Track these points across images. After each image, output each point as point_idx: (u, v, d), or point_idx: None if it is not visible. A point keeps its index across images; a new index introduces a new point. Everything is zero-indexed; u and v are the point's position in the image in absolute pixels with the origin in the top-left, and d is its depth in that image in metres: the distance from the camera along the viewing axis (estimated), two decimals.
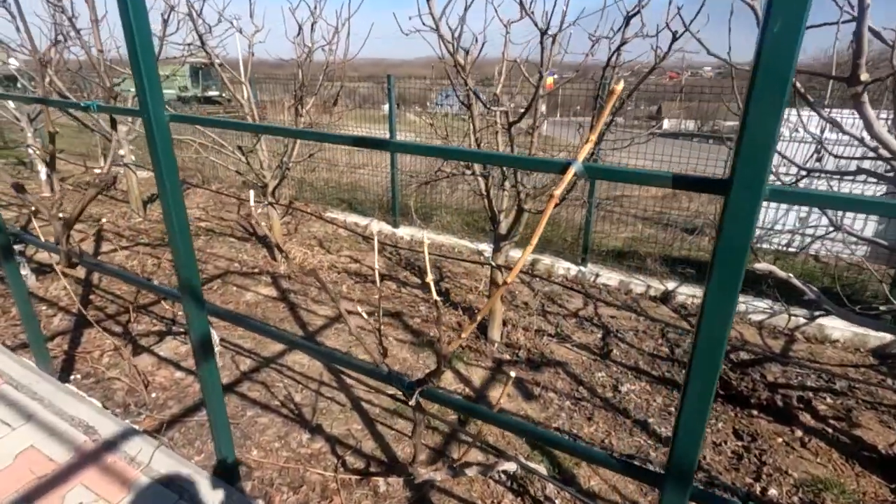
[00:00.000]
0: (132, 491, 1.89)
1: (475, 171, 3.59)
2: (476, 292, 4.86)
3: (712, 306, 0.88)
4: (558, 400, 3.32)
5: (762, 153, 0.78)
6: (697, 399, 0.95)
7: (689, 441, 0.98)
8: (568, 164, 0.95)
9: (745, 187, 0.80)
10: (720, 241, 0.85)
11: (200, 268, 5.11)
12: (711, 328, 0.89)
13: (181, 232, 1.64)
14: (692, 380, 0.94)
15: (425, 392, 1.33)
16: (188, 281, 1.70)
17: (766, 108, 0.75)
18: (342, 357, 1.53)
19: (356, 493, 2.43)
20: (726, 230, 0.84)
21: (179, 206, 1.61)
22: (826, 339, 4.36)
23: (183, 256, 1.66)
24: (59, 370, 3.17)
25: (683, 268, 5.35)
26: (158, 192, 1.58)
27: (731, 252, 0.84)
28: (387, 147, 1.12)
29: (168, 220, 1.62)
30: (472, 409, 1.30)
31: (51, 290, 4.37)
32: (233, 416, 2.91)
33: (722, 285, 0.86)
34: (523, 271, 5.43)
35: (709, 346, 0.90)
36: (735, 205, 0.82)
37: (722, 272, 0.85)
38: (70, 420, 2.24)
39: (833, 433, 3.12)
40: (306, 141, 5.76)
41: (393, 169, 6.61)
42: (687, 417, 0.97)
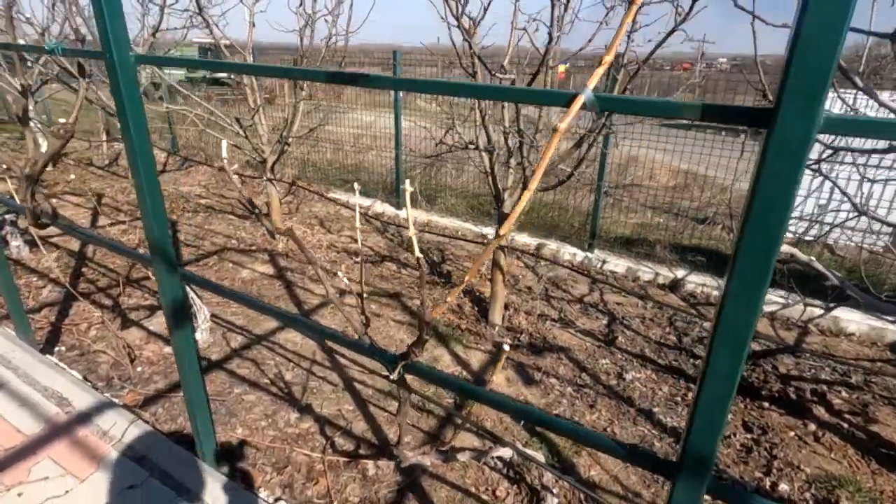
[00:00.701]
0: (101, 466, 1.78)
1: (479, 145, 3.42)
2: (478, 275, 4.72)
3: (744, 268, 0.72)
4: (560, 386, 3.19)
5: (820, 69, 0.62)
6: (722, 378, 0.80)
7: (708, 428, 0.84)
8: (576, 94, 0.79)
9: (797, 114, 0.65)
10: (757, 191, 0.70)
11: (197, 244, 5.00)
12: (742, 294, 0.74)
13: (150, 189, 1.50)
14: (716, 352, 0.79)
15: (409, 366, 1.19)
16: (158, 242, 1.57)
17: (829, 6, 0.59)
18: (322, 328, 1.39)
19: (343, 475, 2.31)
20: (766, 175, 0.68)
21: (148, 161, 1.47)
22: (841, 332, 4.18)
23: (152, 215, 1.52)
24: (44, 341, 3.07)
25: (694, 256, 5.17)
26: (124, 142, 1.44)
27: (771, 204, 0.68)
28: (367, 83, 0.97)
29: (136, 175, 1.48)
30: (459, 385, 1.16)
31: (43, 262, 4.27)
32: (219, 393, 2.80)
33: (756, 244, 0.71)
34: (524, 256, 5.27)
35: (740, 315, 0.75)
36: (781, 139, 0.66)
37: (757, 229, 0.70)
38: (43, 391, 2.13)
39: (848, 428, 2.96)
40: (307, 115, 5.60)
41: (397, 149, 6.45)
42: (707, 400, 0.82)
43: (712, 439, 0.83)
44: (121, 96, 1.39)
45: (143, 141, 1.44)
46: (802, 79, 0.62)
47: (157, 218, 1.54)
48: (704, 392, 0.83)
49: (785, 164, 0.66)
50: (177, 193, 6.65)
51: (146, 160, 1.46)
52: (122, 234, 5.03)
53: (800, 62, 0.62)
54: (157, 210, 1.53)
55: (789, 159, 0.66)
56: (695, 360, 3.55)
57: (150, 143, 1.46)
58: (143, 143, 1.44)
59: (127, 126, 1.42)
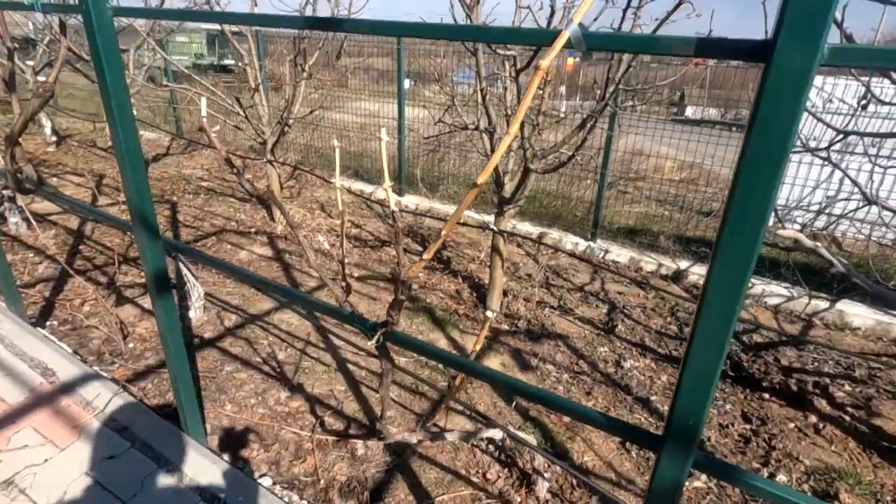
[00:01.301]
0: (82, 436, 1.75)
1: (480, 126, 3.35)
2: (478, 262, 4.66)
3: (736, 223, 0.67)
4: (556, 372, 3.14)
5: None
6: (707, 356, 0.75)
7: (694, 398, 0.79)
8: (560, 30, 0.73)
9: (796, 44, 0.58)
10: (753, 132, 0.64)
11: (196, 225, 4.97)
12: (732, 254, 0.69)
13: (130, 153, 1.45)
14: (703, 318, 0.74)
15: (390, 335, 1.14)
16: (139, 209, 1.52)
17: None
18: (302, 295, 1.35)
19: (331, 454, 2.28)
20: (762, 115, 0.62)
21: (128, 123, 1.42)
22: (846, 325, 4.10)
23: (132, 180, 1.48)
24: (37, 315, 3.05)
25: (698, 247, 5.09)
26: (103, 103, 1.39)
27: (767, 146, 0.62)
28: (343, 27, 0.91)
29: (115, 138, 1.43)
30: (441, 354, 1.11)
31: (40, 239, 4.26)
32: (210, 370, 2.77)
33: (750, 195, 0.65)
34: (526, 243, 5.21)
35: (728, 275, 0.70)
36: (779, 71, 0.60)
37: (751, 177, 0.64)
38: (29, 361, 2.11)
39: (850, 421, 2.90)
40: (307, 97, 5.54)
41: (400, 135, 6.38)
42: (694, 369, 0.77)
43: (697, 415, 0.78)
44: (99, 54, 1.33)
45: (122, 102, 1.39)
46: (801, 12, 0.56)
47: (137, 184, 1.49)
48: (689, 369, 0.78)
49: (783, 101, 0.60)
50: (179, 176, 6.62)
51: (126, 123, 1.41)
52: (121, 215, 5.01)
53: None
54: (138, 175, 1.48)
55: (788, 94, 0.60)
56: None
57: (130, 105, 1.41)
58: (123, 104, 1.39)
59: (105, 84, 1.37)
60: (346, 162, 7.78)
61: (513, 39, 0.80)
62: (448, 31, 0.87)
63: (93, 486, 1.58)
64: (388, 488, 2.14)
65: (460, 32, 0.87)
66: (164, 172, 6.73)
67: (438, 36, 0.83)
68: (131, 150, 1.45)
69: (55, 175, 6.23)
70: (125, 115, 1.41)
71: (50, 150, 7.55)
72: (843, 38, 1.98)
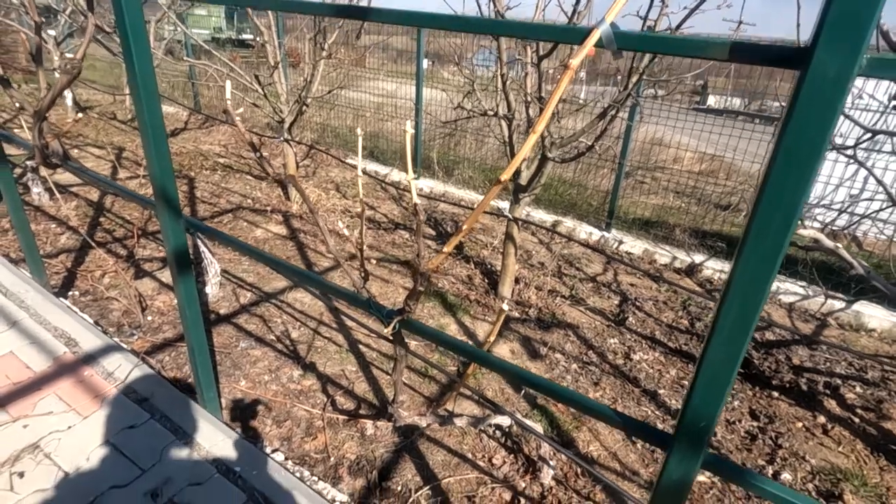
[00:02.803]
0: (104, 405, 1.81)
1: (498, 112, 3.32)
2: (491, 248, 4.67)
3: (763, 224, 0.66)
4: (565, 362, 3.15)
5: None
6: (723, 357, 0.75)
7: (708, 399, 0.79)
8: (592, 28, 0.73)
9: (834, 54, 0.58)
10: (785, 136, 0.63)
11: (213, 202, 5.02)
12: (756, 255, 0.69)
13: (154, 130, 1.47)
14: (723, 317, 0.74)
15: (405, 322, 1.16)
16: (163, 187, 1.55)
17: None
18: (319, 279, 1.37)
19: (342, 432, 2.33)
20: (795, 120, 0.61)
21: (153, 101, 1.43)
22: (861, 326, 4.06)
23: (156, 158, 1.50)
24: (59, 286, 3.13)
25: (714, 241, 5.03)
26: (128, 79, 1.40)
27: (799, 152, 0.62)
28: (369, 16, 0.91)
29: (140, 113, 1.45)
30: (455, 343, 1.13)
31: (63, 210, 4.34)
32: (225, 346, 2.83)
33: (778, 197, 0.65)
34: (540, 232, 5.19)
35: (751, 275, 0.70)
36: (815, 78, 0.59)
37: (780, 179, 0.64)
38: (53, 331, 2.17)
39: (860, 423, 2.89)
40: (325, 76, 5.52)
41: (417, 117, 6.35)
42: (710, 369, 0.78)
43: (710, 415, 0.79)
44: (124, 24, 1.34)
45: (147, 78, 1.40)
46: (847, 5, 0.55)
47: (161, 162, 1.51)
48: (704, 368, 0.78)
49: (818, 109, 0.60)
50: (196, 151, 6.67)
51: (151, 100, 1.42)
52: (140, 188, 5.07)
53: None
54: (162, 154, 1.50)
55: (823, 102, 0.59)
56: None
57: (155, 81, 1.42)
58: (148, 80, 1.40)
59: (131, 60, 1.38)
60: (362, 142, 7.76)
61: (542, 36, 0.79)
62: (474, 24, 0.87)
63: (113, 454, 1.64)
64: (395, 468, 2.19)
65: (487, 27, 0.86)
66: (182, 147, 6.78)
67: (463, 29, 0.83)
68: (156, 128, 1.46)
69: (76, 146, 6.31)
70: (150, 91, 1.42)
71: (69, 121, 7.64)
72: (878, 34, 1.93)
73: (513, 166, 0.80)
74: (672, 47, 0.70)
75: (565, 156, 3.16)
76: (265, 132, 8.07)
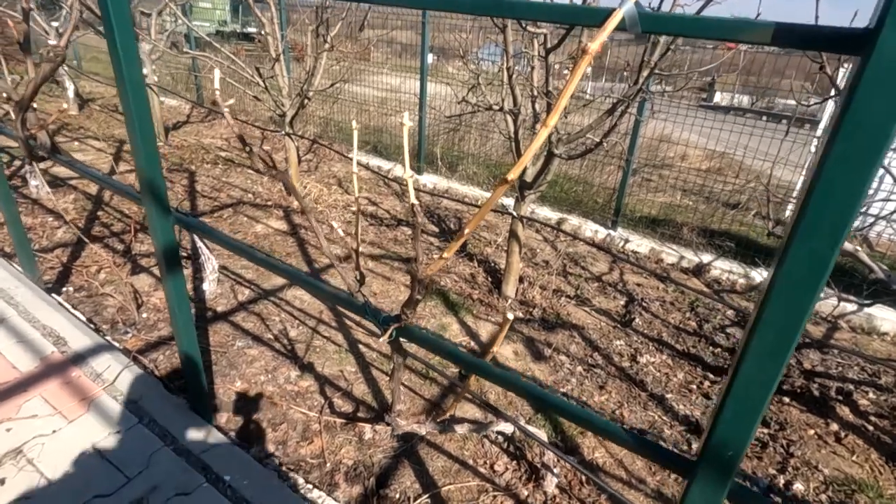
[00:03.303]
0: (91, 408, 1.74)
1: (503, 107, 3.23)
2: (495, 245, 4.58)
3: (811, 228, 0.58)
4: (570, 364, 3.07)
5: None
6: (762, 366, 0.67)
7: (738, 424, 0.71)
8: (613, 8, 0.64)
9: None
10: (842, 130, 0.55)
11: (213, 196, 4.95)
12: (801, 263, 0.60)
13: (141, 120, 1.39)
14: (760, 333, 0.65)
15: (402, 330, 1.08)
16: (150, 180, 1.47)
17: None
18: (312, 281, 1.29)
19: (339, 437, 2.26)
20: (855, 112, 0.53)
21: (138, 85, 1.35)
22: (874, 330, 3.96)
23: (143, 150, 1.42)
24: (53, 281, 3.07)
25: (722, 241, 4.93)
26: (113, 70, 1.33)
27: (859, 147, 0.53)
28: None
29: (125, 102, 1.37)
30: (457, 354, 1.05)
31: (60, 203, 4.28)
32: (221, 345, 2.76)
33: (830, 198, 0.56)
34: (544, 230, 5.10)
35: (795, 287, 0.61)
36: (880, 68, 0.51)
37: (834, 178, 0.55)
38: (42, 329, 2.10)
39: (874, 431, 2.80)
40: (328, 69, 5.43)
41: (421, 112, 6.25)
42: (739, 399, 0.70)
43: (740, 442, 0.71)
44: (108, 10, 1.26)
45: (132, 62, 1.32)
46: None
47: (148, 156, 1.43)
48: (736, 390, 0.70)
49: (883, 100, 0.51)
50: (198, 144, 6.61)
51: (137, 91, 1.34)
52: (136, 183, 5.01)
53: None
54: (149, 148, 1.42)
55: (889, 93, 0.51)
56: (714, 349, 3.39)
57: (141, 71, 1.34)
58: (134, 65, 1.32)
59: (114, 41, 1.30)
60: (365, 137, 7.67)
61: (556, 18, 0.71)
62: (479, 5, 0.78)
63: (99, 460, 1.57)
64: (394, 475, 2.11)
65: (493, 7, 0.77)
66: (183, 140, 6.72)
67: (467, 10, 0.74)
68: (142, 118, 1.39)
69: (76, 139, 6.25)
70: (136, 81, 1.34)
71: (72, 114, 7.58)
72: None
73: (521, 165, 0.71)
74: (706, 29, 0.61)
75: (572, 152, 3.07)
76: (268, 126, 7.99)
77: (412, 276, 0.90)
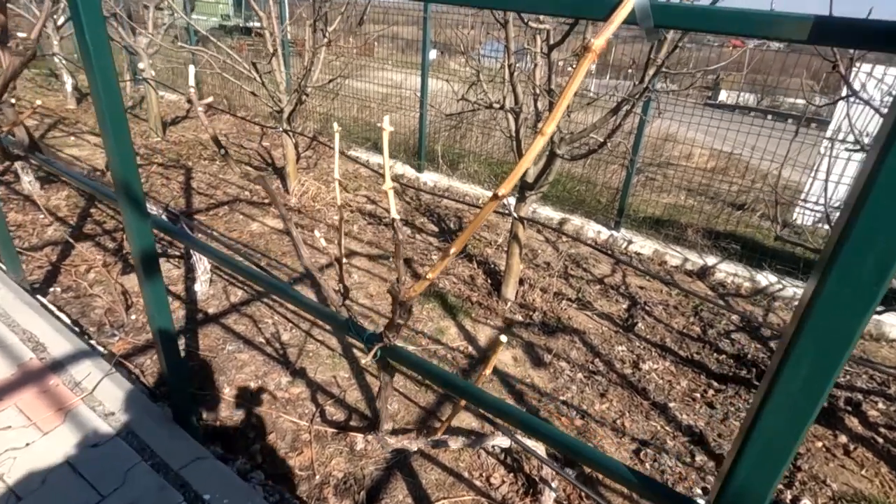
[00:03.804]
0: (67, 419, 1.66)
1: (505, 105, 3.13)
2: (495, 246, 4.49)
3: (866, 232, 0.49)
4: (570, 370, 2.99)
5: None
6: (797, 398, 0.58)
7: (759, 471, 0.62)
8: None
9: None
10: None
11: (209, 193, 4.87)
12: (852, 276, 0.51)
13: (113, 119, 1.30)
14: (796, 358, 0.56)
15: (387, 350, 0.99)
16: (125, 181, 1.38)
17: None
18: (296, 295, 1.20)
19: (330, 447, 2.18)
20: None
21: (111, 85, 1.26)
22: (882, 336, 3.86)
23: (116, 150, 1.33)
24: (40, 281, 2.99)
25: (728, 243, 4.82)
26: (83, 64, 1.24)
27: None
28: None
29: (97, 102, 1.28)
30: (445, 378, 0.96)
31: (52, 200, 4.20)
32: (211, 349, 2.68)
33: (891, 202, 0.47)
34: (549, 227, 5.01)
35: (843, 305, 0.53)
36: None
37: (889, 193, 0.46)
38: (21, 334, 2.02)
39: (883, 444, 2.71)
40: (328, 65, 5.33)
41: (422, 109, 6.15)
42: (766, 432, 0.61)
43: (761, 494, 0.62)
44: (77, 8, 1.18)
45: (104, 63, 1.23)
46: None
47: (122, 155, 1.35)
48: (758, 434, 0.61)
49: None
50: (196, 140, 6.52)
51: (108, 85, 1.26)
52: None
53: None
54: (123, 147, 1.34)
55: None
56: (718, 355, 3.30)
57: (113, 66, 1.25)
58: (105, 65, 1.24)
59: (86, 43, 1.21)
60: (366, 133, 7.58)
61: (558, 9, 0.62)
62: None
63: (73, 477, 1.49)
64: (386, 488, 2.03)
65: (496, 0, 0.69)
66: (181, 136, 6.64)
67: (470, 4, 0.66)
68: (114, 112, 1.30)
69: (73, 134, 6.17)
70: (108, 78, 1.25)
71: (70, 108, 7.50)
72: None
73: (513, 178, 0.63)
74: (731, 23, 0.52)
75: (575, 153, 2.97)
76: (268, 121, 7.90)
77: (393, 297, 0.82)
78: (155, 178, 5.02)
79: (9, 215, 3.72)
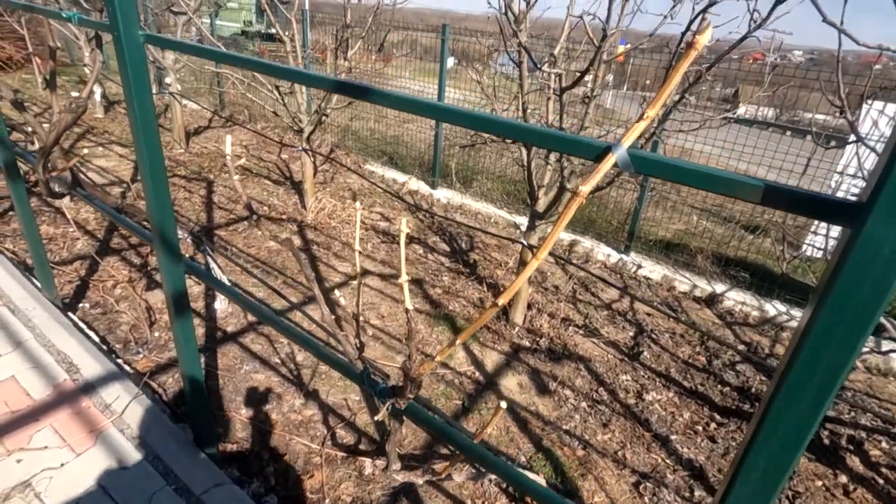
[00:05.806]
0: (98, 441, 1.78)
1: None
2: (505, 268, 4.58)
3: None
4: (574, 399, 3.06)
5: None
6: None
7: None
8: (607, 148, 0.65)
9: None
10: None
11: (230, 207, 5.03)
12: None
13: (154, 172, 1.43)
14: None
15: (398, 409, 1.09)
16: (162, 228, 1.51)
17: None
18: (316, 345, 1.31)
19: (339, 471, 2.28)
20: (840, 290, 0.52)
21: (153, 141, 1.39)
22: (890, 371, 3.87)
23: (155, 199, 1.46)
24: (71, 296, 3.15)
25: (737, 270, 4.86)
26: (129, 122, 1.37)
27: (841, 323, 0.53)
28: (370, 97, 0.85)
29: (140, 156, 1.41)
30: (451, 436, 1.06)
31: (82, 213, 4.39)
32: (229, 369, 2.80)
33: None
34: (556, 252, 5.08)
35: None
36: (868, 245, 0.50)
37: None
38: (56, 354, 2.16)
39: (884, 485, 2.73)
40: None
41: (438, 127, 6.27)
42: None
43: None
44: (127, 75, 1.30)
45: (147, 121, 1.36)
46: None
47: (160, 205, 1.47)
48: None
49: (868, 279, 0.51)
50: (217, 152, 6.71)
51: (151, 141, 1.38)
52: None
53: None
54: (161, 197, 1.46)
55: (875, 272, 0.50)
56: (722, 387, 3.35)
57: (155, 123, 1.38)
58: (148, 123, 1.36)
59: (132, 106, 1.34)
60: (382, 147, 7.72)
61: (554, 145, 0.71)
62: (484, 122, 0.79)
63: (103, 498, 1.61)
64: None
65: (507, 129, 0.78)
66: (203, 147, 6.84)
67: (483, 129, 0.75)
68: (156, 173, 1.42)
69: (100, 144, 6.40)
70: (151, 135, 1.38)
71: (98, 117, 7.76)
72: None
73: (510, 292, 0.72)
74: (694, 179, 0.61)
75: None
76: (287, 132, 8.08)
77: (405, 373, 0.91)
78: (178, 191, 5.19)
79: (41, 227, 3.90)
